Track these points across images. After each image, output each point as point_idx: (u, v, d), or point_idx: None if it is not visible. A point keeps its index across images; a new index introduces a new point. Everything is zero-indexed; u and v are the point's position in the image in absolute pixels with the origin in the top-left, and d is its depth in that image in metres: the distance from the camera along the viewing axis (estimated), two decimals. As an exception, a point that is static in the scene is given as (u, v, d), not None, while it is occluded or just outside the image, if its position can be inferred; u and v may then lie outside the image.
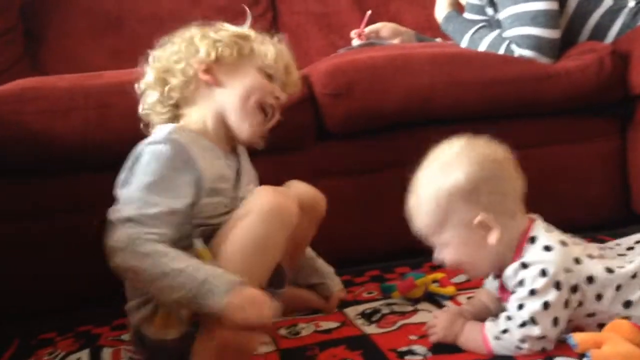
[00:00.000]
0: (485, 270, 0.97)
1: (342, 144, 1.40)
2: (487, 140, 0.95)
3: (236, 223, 0.96)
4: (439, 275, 1.20)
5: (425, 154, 0.95)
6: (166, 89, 1.04)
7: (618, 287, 0.91)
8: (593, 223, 1.47)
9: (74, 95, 1.23)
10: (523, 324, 0.89)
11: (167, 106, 1.05)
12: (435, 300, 1.17)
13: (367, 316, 1.13)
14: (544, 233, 0.93)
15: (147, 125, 1.07)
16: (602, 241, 1.18)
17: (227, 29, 1.07)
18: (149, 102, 1.06)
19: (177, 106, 1.05)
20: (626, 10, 1.52)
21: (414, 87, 1.37)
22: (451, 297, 1.16)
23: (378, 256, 1.41)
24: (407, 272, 1.23)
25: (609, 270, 0.91)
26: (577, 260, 0.91)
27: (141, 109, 1.07)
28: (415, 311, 1.13)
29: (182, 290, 0.86)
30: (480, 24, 1.56)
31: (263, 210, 0.95)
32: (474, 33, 1.54)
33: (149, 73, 1.06)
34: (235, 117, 1.04)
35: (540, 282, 0.88)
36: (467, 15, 1.72)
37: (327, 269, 1.21)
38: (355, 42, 1.73)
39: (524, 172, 1.46)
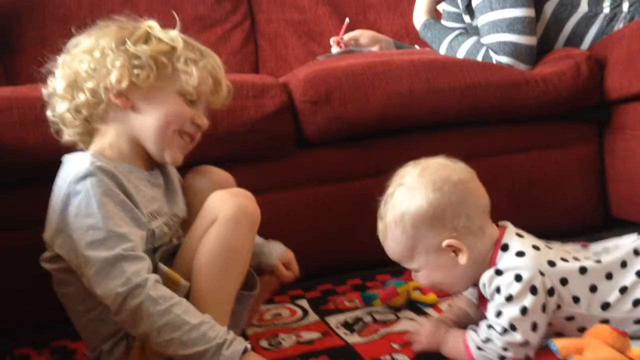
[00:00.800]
0: (463, 287, 0.98)
1: (322, 151, 1.39)
2: (447, 159, 0.96)
3: (202, 234, 0.94)
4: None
5: (405, 161, 0.95)
6: (73, 103, 0.95)
7: (593, 289, 0.91)
8: (572, 228, 1.47)
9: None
10: (504, 331, 0.89)
11: (77, 119, 0.96)
12: (417, 307, 1.16)
13: (349, 325, 1.12)
14: (516, 239, 0.94)
15: (58, 133, 0.99)
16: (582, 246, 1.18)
17: (151, 39, 0.95)
18: (58, 111, 0.97)
19: (89, 120, 0.97)
20: (601, 17, 1.53)
21: (393, 94, 1.37)
22: (433, 305, 1.16)
23: (359, 264, 1.40)
24: (389, 280, 1.22)
25: (582, 270, 0.92)
26: (551, 263, 0.91)
27: (50, 115, 0.99)
28: (397, 319, 1.12)
29: (193, 347, 0.85)
30: (458, 31, 1.56)
31: (228, 216, 0.93)
32: (452, 40, 1.54)
33: (59, 80, 0.96)
34: (152, 145, 0.97)
35: (516, 288, 0.88)
36: (444, 22, 1.72)
37: (256, 247, 1.09)
38: (334, 49, 1.73)
39: (502, 178, 1.49)
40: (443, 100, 1.40)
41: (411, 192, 0.93)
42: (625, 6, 1.54)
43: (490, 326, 0.90)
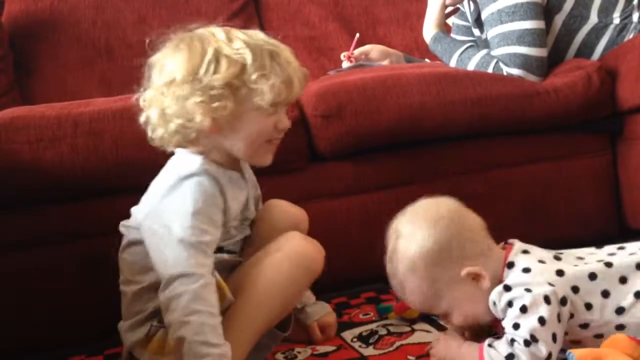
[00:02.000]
0: (491, 315, 0.95)
1: (335, 165, 1.39)
2: (428, 199, 0.98)
3: (263, 260, 0.98)
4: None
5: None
6: (167, 131, 0.99)
7: (605, 294, 0.91)
8: (587, 239, 1.45)
9: (62, 123, 1.22)
10: (527, 344, 0.87)
11: (174, 139, 1.00)
12: (431, 319, 1.15)
13: (364, 338, 1.11)
14: (521, 256, 0.94)
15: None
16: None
17: (220, 61, 0.96)
18: (157, 136, 1.00)
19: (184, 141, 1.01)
20: (611, 28, 1.54)
21: (405, 107, 1.38)
22: None
23: (373, 277, 1.39)
24: None
25: (592, 277, 0.91)
26: (559, 272, 0.91)
27: (150, 137, 1.02)
28: (412, 331, 1.12)
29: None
30: (468, 44, 1.57)
31: (293, 254, 0.98)
32: (462, 53, 1.55)
33: (153, 111, 0.99)
34: (244, 156, 1.03)
35: (528, 298, 0.88)
36: (454, 36, 1.73)
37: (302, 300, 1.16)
38: (345, 64, 1.74)
39: (515, 189, 1.48)
40: (454, 113, 1.40)
41: (412, 237, 0.94)
42: (636, 17, 1.54)
43: (513, 340, 0.89)
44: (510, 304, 0.89)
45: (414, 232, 0.94)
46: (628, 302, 0.90)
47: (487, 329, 0.99)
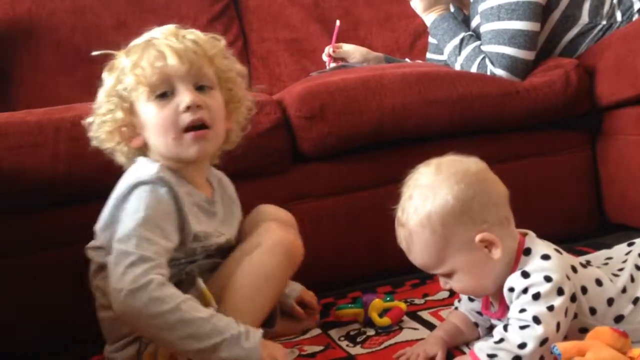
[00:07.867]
0: (493, 287, 0.92)
1: (318, 166, 1.40)
2: (456, 155, 0.94)
3: (244, 257, 0.97)
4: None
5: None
6: (118, 145, 1.02)
7: (610, 302, 0.91)
8: (569, 234, 1.48)
9: (43, 129, 1.21)
10: (524, 326, 0.85)
11: (125, 148, 1.02)
12: (419, 317, 1.16)
13: (352, 338, 1.11)
14: (539, 242, 0.93)
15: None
16: (581, 252, 1.19)
17: (114, 70, 1.02)
18: (107, 146, 1.02)
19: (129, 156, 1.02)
20: (599, 28, 1.55)
21: (387, 107, 1.39)
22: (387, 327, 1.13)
23: (359, 277, 1.40)
24: (358, 297, 1.21)
25: (598, 283, 0.91)
26: (573, 268, 0.91)
27: (98, 144, 1.04)
28: (400, 329, 1.12)
29: (206, 340, 0.86)
30: (464, 34, 1.56)
31: (272, 245, 0.98)
32: (459, 41, 1.54)
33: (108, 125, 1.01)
34: (166, 150, 0.99)
35: (545, 287, 0.86)
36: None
37: None
38: (327, 59, 1.75)
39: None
40: (436, 112, 1.42)
41: (432, 190, 0.88)
42: (619, 15, 1.55)
43: (506, 326, 0.87)
44: (525, 290, 0.86)
45: (434, 185, 0.88)
46: (628, 310, 0.91)
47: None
